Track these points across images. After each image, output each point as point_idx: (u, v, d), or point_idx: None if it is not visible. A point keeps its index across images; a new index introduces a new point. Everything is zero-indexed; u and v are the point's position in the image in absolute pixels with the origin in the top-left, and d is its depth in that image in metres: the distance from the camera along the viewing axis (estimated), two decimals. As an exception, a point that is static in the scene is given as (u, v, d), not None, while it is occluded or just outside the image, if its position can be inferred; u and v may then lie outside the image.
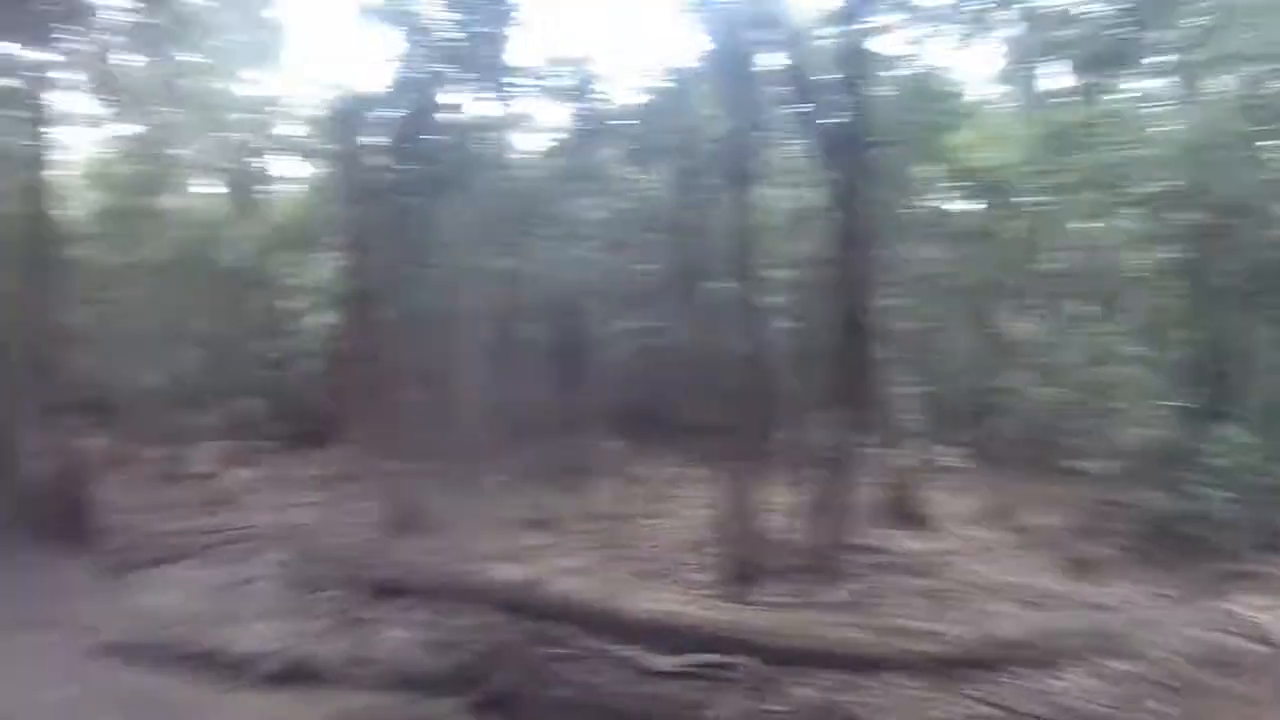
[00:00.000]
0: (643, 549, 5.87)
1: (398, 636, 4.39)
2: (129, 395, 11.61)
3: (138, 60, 11.08)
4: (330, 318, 13.21)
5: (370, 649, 4.29)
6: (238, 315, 12.66)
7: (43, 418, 6.67)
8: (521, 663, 4.04)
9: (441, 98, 9.21)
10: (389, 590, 4.85)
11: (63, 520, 6.28)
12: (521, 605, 4.48)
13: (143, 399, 11.70)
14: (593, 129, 9.76)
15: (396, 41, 9.14)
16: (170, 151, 12.19)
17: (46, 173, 6.90)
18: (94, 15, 8.03)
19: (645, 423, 9.02)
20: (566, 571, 4.92)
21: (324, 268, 15.18)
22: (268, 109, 14.95)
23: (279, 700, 4.03)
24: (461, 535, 5.68)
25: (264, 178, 15.18)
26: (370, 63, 11.81)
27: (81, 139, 11.98)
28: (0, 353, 6.38)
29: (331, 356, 12.31)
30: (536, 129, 10.95)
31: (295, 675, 4.20)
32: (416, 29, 9.09)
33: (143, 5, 9.20)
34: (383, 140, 9.85)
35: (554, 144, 10.65)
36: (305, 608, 4.82)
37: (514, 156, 10.92)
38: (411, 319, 9.58)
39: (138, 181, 12.41)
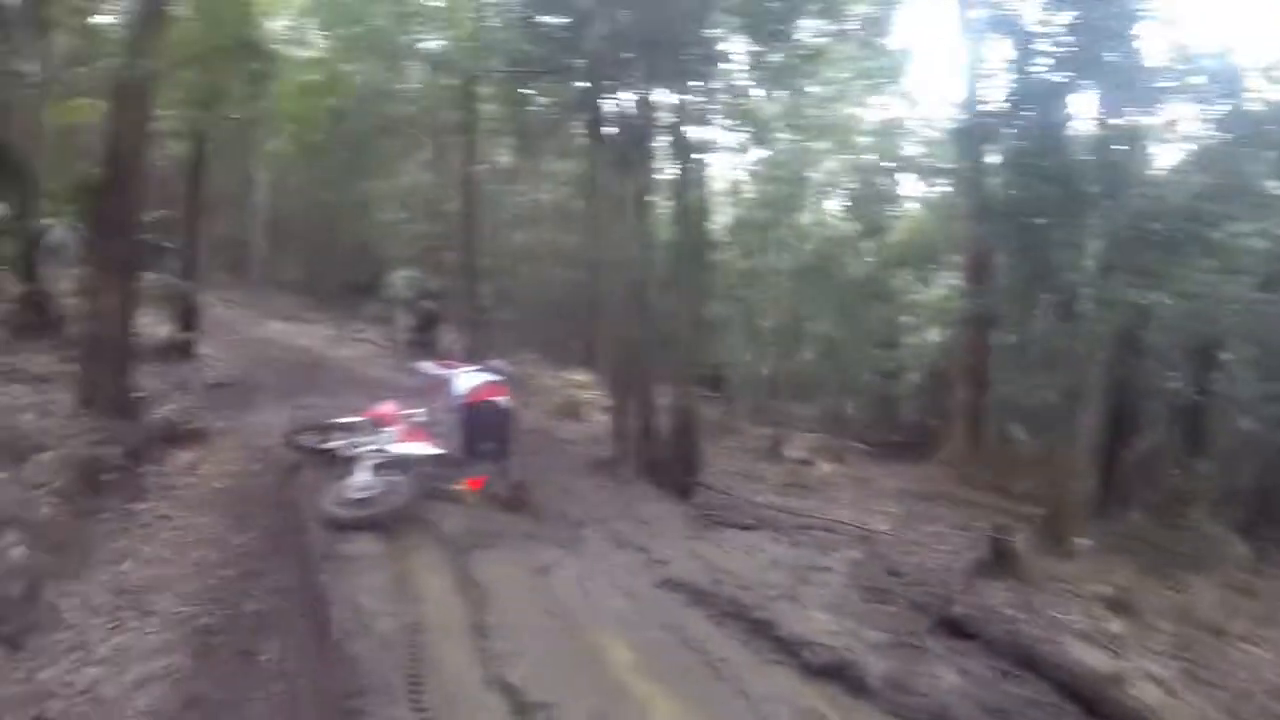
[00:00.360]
0: (1239, 680, 6.02)
1: (948, 679, 4.87)
2: (747, 379, 18.28)
3: (766, 93, 15.41)
4: (944, 336, 17.75)
5: (916, 680, 4.81)
6: (855, 323, 17.48)
7: (675, 386, 9.09)
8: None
9: (1065, 108, 10.72)
10: (953, 626, 5.50)
11: (674, 471, 8.42)
12: (1092, 701, 4.75)
13: (758, 383, 18.58)
14: (1244, 135, 10.33)
15: (1011, 51, 11.01)
16: (798, 173, 17.06)
17: (695, 193, 9.82)
18: (726, 58, 11.44)
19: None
20: (1148, 678, 5.15)
21: (942, 286, 20.12)
22: (890, 131, 20.05)
23: (816, 692, 4.74)
24: (1043, 595, 6.19)
25: (887, 196, 20.32)
26: (989, 77, 13.53)
27: (721, 164, 18.08)
28: (651, 330, 9.39)
29: (938, 375, 16.77)
30: (1175, 138, 12.19)
31: (837, 675, 4.88)
32: (1030, 35, 10.56)
33: (768, 45, 12.58)
34: (1005, 157, 11.90)
35: (1197, 155, 11.59)
36: (866, 614, 5.66)
37: (1151, 171, 12.06)
38: (1028, 347, 12.07)
39: (768, 199, 18.10)
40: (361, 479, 6.88)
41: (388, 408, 7.83)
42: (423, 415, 8.08)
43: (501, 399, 7.96)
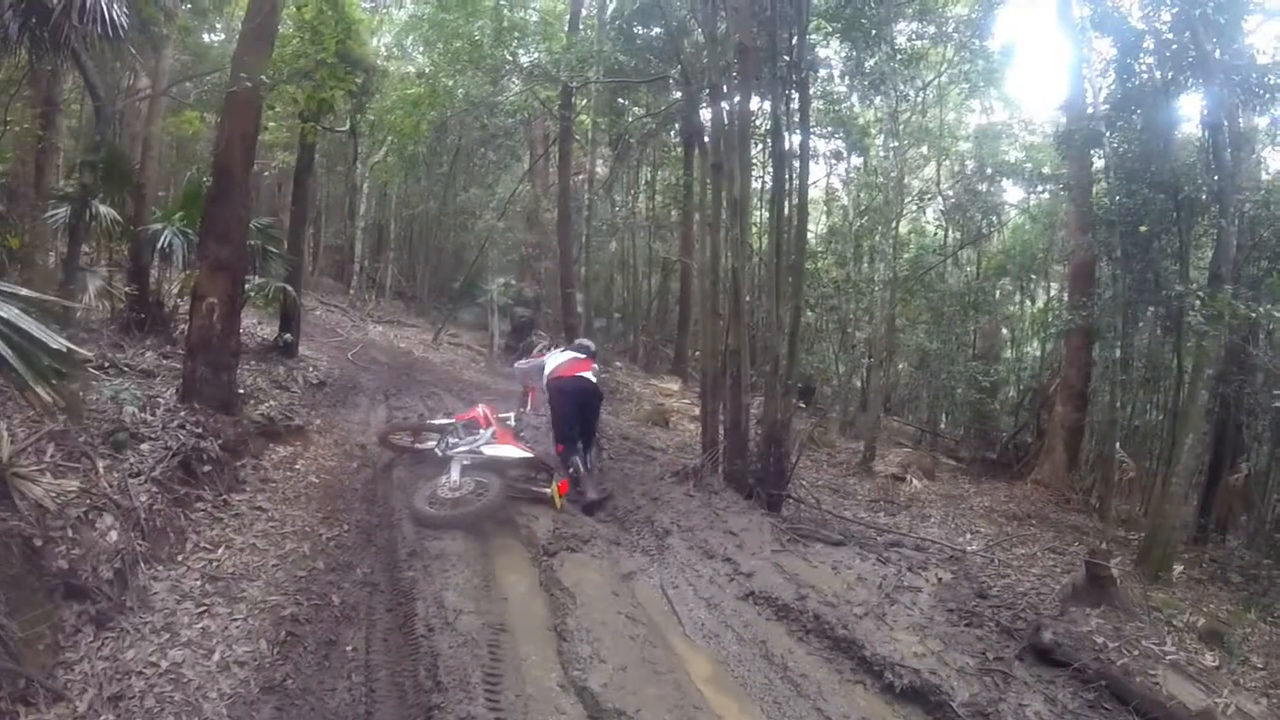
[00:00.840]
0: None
1: (1035, 708, 4.67)
2: (839, 390, 18.28)
3: (863, 99, 15.94)
4: (1044, 350, 17.66)
5: (1002, 707, 4.65)
6: (951, 335, 16.83)
7: (767, 396, 9.00)
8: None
9: (1173, 110, 10.67)
10: (1043, 653, 5.25)
11: (763, 482, 8.36)
12: None
13: (850, 395, 18.56)
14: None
15: (1115, 51, 10.92)
16: (895, 180, 16.59)
17: (792, 201, 9.68)
18: (823, 64, 11.34)
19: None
20: (1240, 715, 4.87)
21: (1043, 298, 20.47)
22: (990, 136, 20.20)
23: (897, 716, 4.67)
24: (1137, 624, 5.86)
25: (987, 204, 19.63)
26: (1092, 78, 13.68)
27: (817, 172, 18.23)
28: (745, 339, 9.24)
29: (1037, 390, 16.42)
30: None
31: (920, 699, 4.77)
32: (1135, 33, 10.39)
33: (865, 50, 12.92)
34: (1110, 162, 11.84)
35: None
36: (953, 637, 5.46)
37: (1263, 176, 12.08)
38: (1131, 363, 12.02)
39: (864, 207, 17.98)
40: (453, 479, 6.99)
41: (481, 410, 7.95)
42: (514, 419, 8.21)
43: (589, 374, 8.15)
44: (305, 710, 4.07)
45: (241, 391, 8.40)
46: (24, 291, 4.12)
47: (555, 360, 8.24)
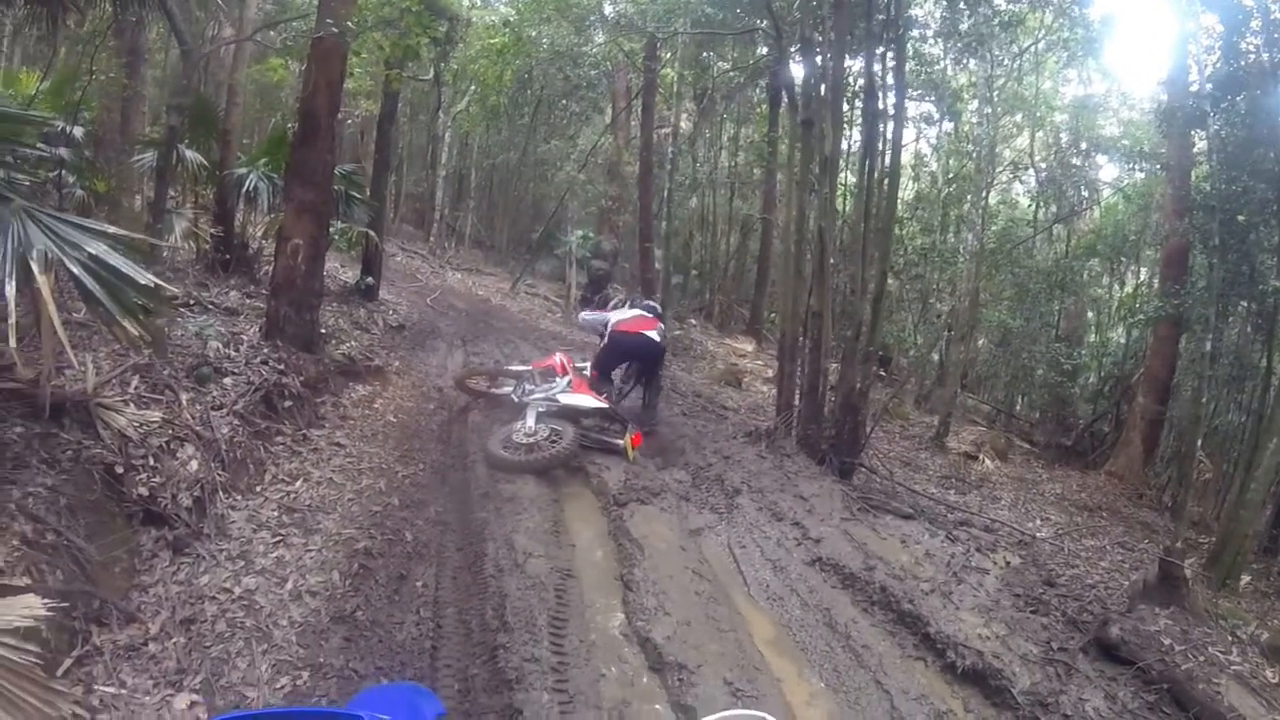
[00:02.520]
0: None
1: (1095, 703, 4.60)
2: (916, 362, 17.69)
3: (957, 62, 15.37)
4: (1129, 337, 16.94)
5: (1061, 699, 4.58)
6: (1035, 314, 16.34)
7: (846, 363, 8.90)
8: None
9: None
10: (1107, 648, 5.20)
11: (836, 449, 8.33)
12: None
13: (927, 368, 18.08)
14: None
15: (1222, 27, 10.34)
16: (987, 148, 16.05)
17: (882, 164, 9.51)
18: (918, 23, 11.19)
19: None
20: None
21: (1133, 282, 19.71)
22: (1087, 108, 19.14)
23: (956, 696, 4.64)
24: (1204, 630, 5.69)
25: (1081, 179, 19.14)
26: (1197, 55, 12.70)
27: (907, 136, 17.27)
28: (827, 303, 9.17)
29: (1119, 378, 16.19)
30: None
31: (980, 681, 4.74)
32: (1243, 9, 9.84)
33: (961, 12, 12.50)
34: (1212, 145, 11.33)
35: None
36: (1017, 622, 5.41)
37: None
38: (1219, 358, 11.52)
39: (953, 175, 17.53)
40: (529, 425, 7.06)
41: (558, 359, 8.01)
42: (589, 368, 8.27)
43: (653, 332, 8.18)
44: (373, 642, 4.16)
45: (323, 331, 8.58)
46: (112, 229, 4.22)
47: (621, 315, 8.33)
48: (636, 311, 8.39)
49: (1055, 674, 4.80)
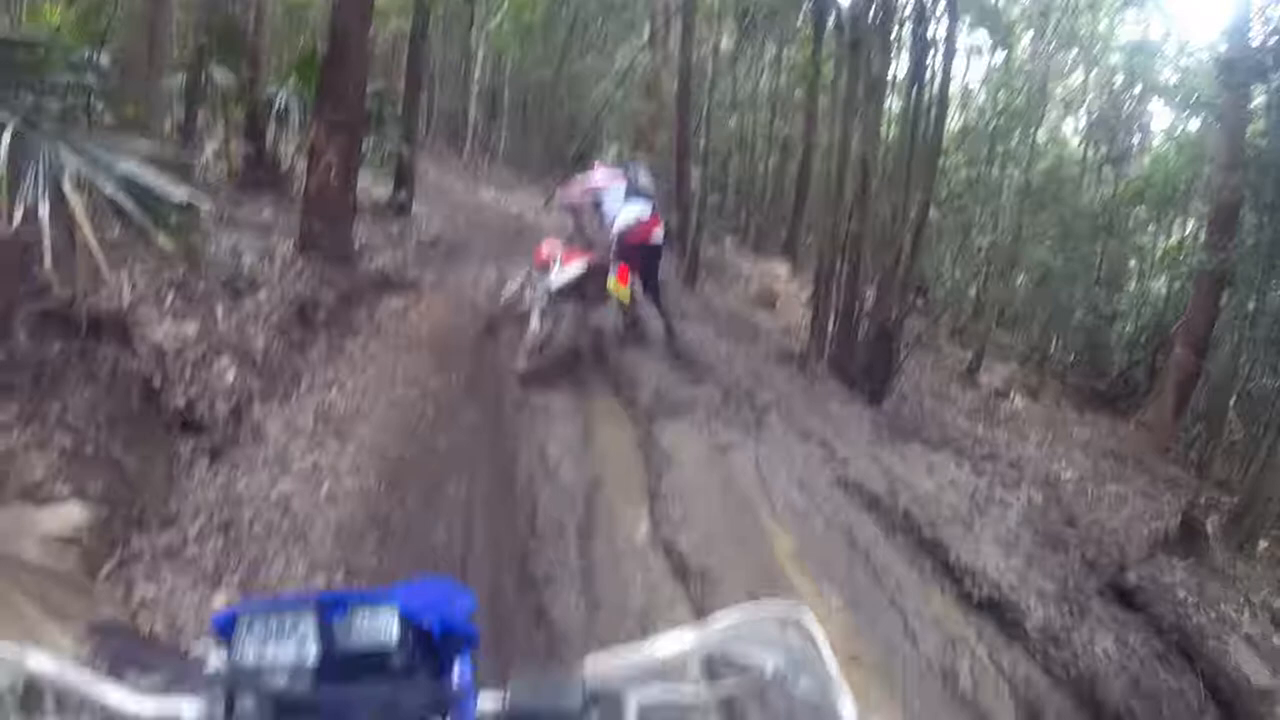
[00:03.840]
0: None
1: (1105, 646, 4.68)
2: (953, 295, 17.62)
3: None
4: (1170, 289, 16.61)
5: (1073, 638, 4.67)
6: (1077, 256, 15.97)
7: (882, 289, 8.83)
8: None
9: None
10: (1122, 593, 5.35)
11: (868, 375, 8.39)
12: (1239, 714, 4.52)
13: (963, 302, 18.06)
14: None
15: None
16: (1038, 84, 15.90)
17: (930, 91, 9.41)
18: None
19: None
20: None
21: (1179, 233, 19.15)
22: (1144, 51, 18.09)
23: (970, 624, 4.76)
24: (1219, 588, 5.79)
25: (1133, 124, 18.81)
26: (1263, 7, 11.98)
27: (957, 65, 16.26)
28: (868, 229, 9.18)
29: (1157, 329, 15.84)
30: None
31: (994, 612, 4.89)
32: None
33: None
34: (1272, 99, 11.05)
35: None
36: (1036, 558, 5.51)
37: None
38: (1260, 318, 11.38)
39: (1002, 108, 16.56)
40: (534, 328, 7.02)
41: (545, 249, 7.81)
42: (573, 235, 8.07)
43: (657, 233, 7.81)
44: (406, 544, 4.32)
45: (357, 246, 8.65)
46: (144, 146, 4.27)
47: (625, 217, 7.65)
48: (637, 208, 7.73)
49: (1069, 612, 4.90)
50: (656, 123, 20.08)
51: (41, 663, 0.93)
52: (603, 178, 8.01)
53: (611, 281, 7.10)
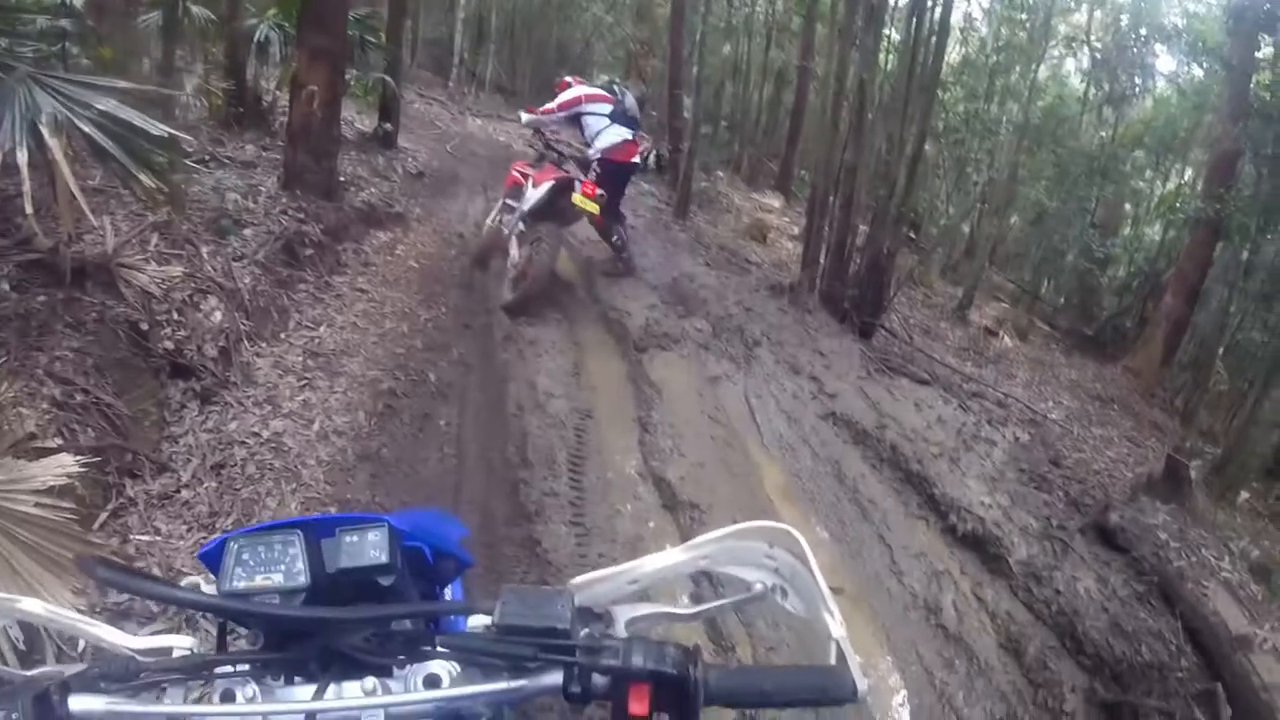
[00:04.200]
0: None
1: (1086, 584, 4.73)
2: (946, 231, 17.46)
3: None
4: (1165, 236, 16.58)
5: (1054, 575, 4.74)
6: (1073, 198, 15.98)
7: (875, 223, 8.85)
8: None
9: None
10: (1105, 534, 5.33)
11: (858, 309, 8.62)
12: (1214, 657, 4.53)
13: (956, 238, 17.96)
14: None
15: None
16: (1041, 19, 15.60)
17: (931, 16, 9.21)
18: None
19: None
20: (1274, 652, 4.79)
21: (1181, 180, 18.99)
22: None
23: (954, 558, 4.88)
24: (1205, 535, 5.79)
25: (1136, 66, 17.94)
26: None
27: None
28: (863, 160, 9.05)
29: (1149, 276, 15.89)
30: None
31: (978, 547, 4.97)
32: None
33: None
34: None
35: None
36: (1021, 496, 5.55)
37: None
38: (1254, 271, 11.59)
39: (1003, 43, 16.43)
40: (513, 256, 7.09)
41: (514, 172, 7.77)
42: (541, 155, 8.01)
43: (636, 156, 7.89)
44: (399, 478, 4.39)
45: (342, 180, 8.56)
46: (121, 83, 4.19)
47: (610, 137, 7.71)
48: (620, 132, 7.76)
49: (1051, 550, 4.99)
50: (649, 49, 19.77)
51: (33, 607, 0.97)
52: (588, 94, 7.98)
53: (577, 197, 7.02)
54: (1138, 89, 18.57)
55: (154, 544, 3.40)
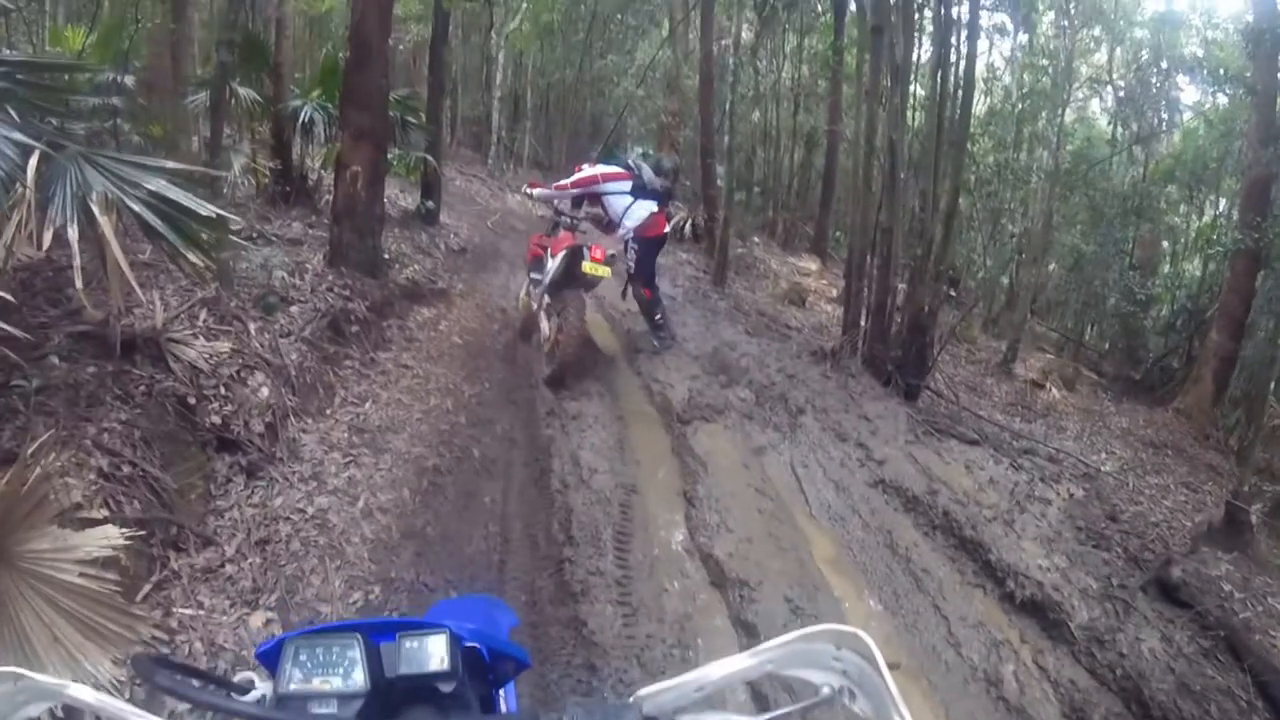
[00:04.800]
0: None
1: (1151, 644, 4.54)
2: (985, 285, 17.44)
3: None
4: (1205, 270, 16.30)
5: (1118, 637, 4.56)
6: (1109, 240, 15.82)
7: (914, 282, 8.83)
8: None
9: None
10: (1167, 589, 5.13)
11: (902, 370, 8.30)
12: None
13: (996, 291, 17.87)
14: None
15: None
16: (1063, 63, 15.47)
17: (955, 75, 9.34)
18: None
19: None
20: None
21: (1216, 211, 18.67)
22: (1169, 24, 17.81)
23: (1013, 626, 4.69)
24: (1271, 582, 5.51)
25: (1161, 101, 18.26)
26: None
27: (979, 47, 15.71)
28: (897, 220, 9.00)
29: (1193, 313, 15.34)
30: None
31: (1038, 613, 4.77)
32: None
33: None
34: None
35: None
36: (1079, 555, 5.35)
37: None
38: None
39: (1028, 90, 16.39)
40: (544, 331, 7.12)
41: (532, 246, 7.86)
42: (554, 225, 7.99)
43: (665, 227, 8.10)
44: (443, 556, 4.33)
45: (386, 256, 8.69)
46: (170, 164, 4.28)
47: (636, 215, 7.80)
48: (647, 208, 7.83)
49: (1113, 611, 4.78)
50: (680, 120, 20.06)
51: (81, 694, 0.93)
52: (604, 173, 8.02)
53: (587, 264, 7.00)
54: (1164, 124, 18.51)
55: (197, 618, 3.38)
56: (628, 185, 7.87)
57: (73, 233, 3.60)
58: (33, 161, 3.50)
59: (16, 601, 2.75)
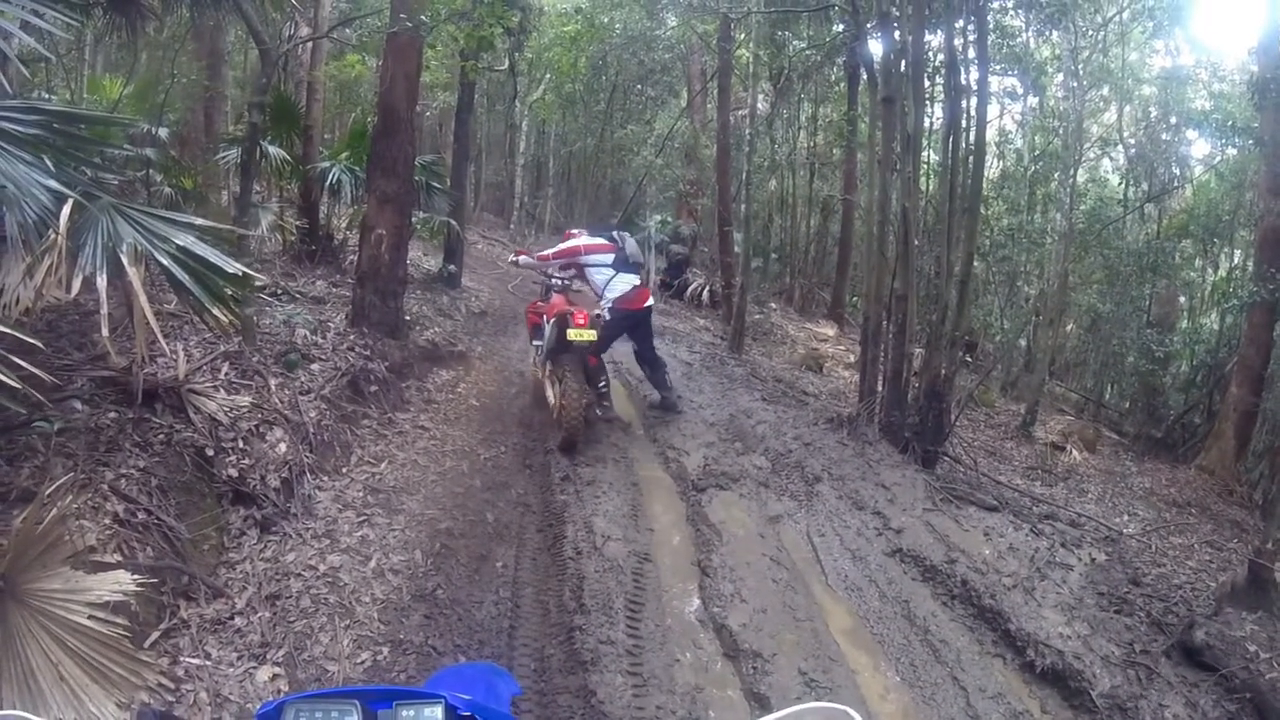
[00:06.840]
0: None
1: (1175, 710, 4.46)
2: (1003, 347, 17.42)
3: (1039, 34, 14.73)
4: (1223, 324, 16.19)
5: (1141, 705, 4.46)
6: (1126, 298, 15.80)
7: (931, 348, 8.81)
8: None
9: None
10: (1191, 653, 5.01)
11: (919, 437, 8.19)
12: None
13: (1013, 354, 17.77)
14: None
15: None
16: (1073, 124, 15.51)
17: (967, 141, 9.21)
18: None
19: None
20: None
21: (1231, 264, 18.64)
22: (1176, 80, 17.99)
23: (1034, 696, 4.57)
24: None
25: (1171, 156, 18.26)
26: None
27: (990, 112, 15.91)
28: (912, 285, 9.06)
29: (1212, 368, 15.18)
30: None
31: (1060, 682, 4.65)
32: None
33: None
34: None
35: None
36: (1100, 622, 5.24)
37: None
38: None
39: (1039, 152, 16.93)
40: (550, 396, 7.10)
41: (530, 313, 7.96)
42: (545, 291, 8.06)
43: (649, 302, 7.96)
44: (453, 620, 4.27)
45: (407, 318, 8.77)
46: (199, 221, 4.33)
47: (617, 288, 7.72)
48: (628, 282, 7.80)
49: (1136, 677, 4.68)
50: (698, 188, 20.33)
51: None
52: (587, 244, 8.04)
53: (572, 332, 6.96)
54: (1176, 179, 18.53)
55: (203, 668, 3.35)
56: (609, 258, 7.86)
57: (101, 281, 3.65)
58: (66, 209, 3.56)
59: (25, 638, 2.76)
